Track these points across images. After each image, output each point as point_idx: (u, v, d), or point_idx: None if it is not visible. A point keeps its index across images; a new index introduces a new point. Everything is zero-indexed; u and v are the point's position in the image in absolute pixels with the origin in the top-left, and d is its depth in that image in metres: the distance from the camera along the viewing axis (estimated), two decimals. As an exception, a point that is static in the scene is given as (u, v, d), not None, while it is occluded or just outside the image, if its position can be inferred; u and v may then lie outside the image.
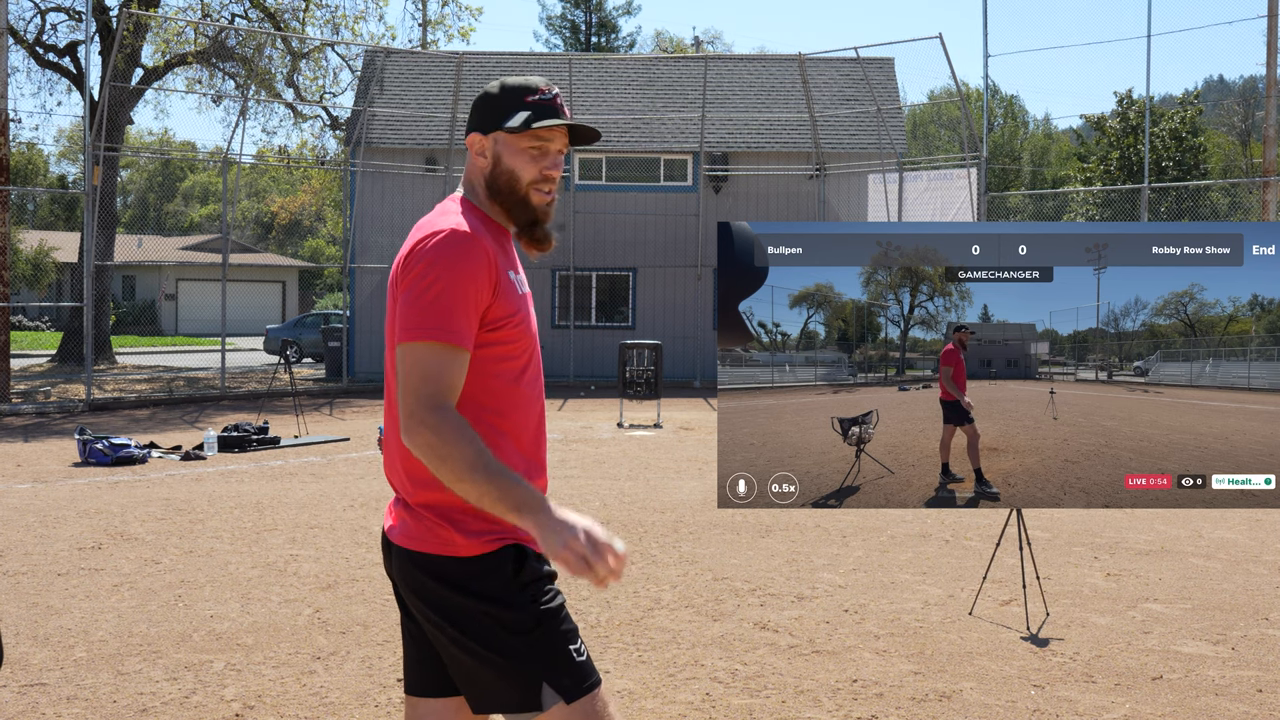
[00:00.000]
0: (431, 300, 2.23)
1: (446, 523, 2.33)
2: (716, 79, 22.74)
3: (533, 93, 2.40)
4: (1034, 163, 66.04)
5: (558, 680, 2.30)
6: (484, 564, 2.32)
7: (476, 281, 2.27)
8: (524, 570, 2.34)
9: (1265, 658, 5.04)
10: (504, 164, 2.41)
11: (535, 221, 2.43)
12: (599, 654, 5.05)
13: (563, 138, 2.43)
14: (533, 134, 2.39)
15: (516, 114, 2.38)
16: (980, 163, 19.56)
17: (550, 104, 2.40)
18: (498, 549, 2.33)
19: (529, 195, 2.41)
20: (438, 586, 2.32)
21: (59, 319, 43.23)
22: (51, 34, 26.24)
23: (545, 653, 2.30)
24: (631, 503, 8.89)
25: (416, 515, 2.37)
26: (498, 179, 2.41)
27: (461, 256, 2.26)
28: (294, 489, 9.60)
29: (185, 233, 60.75)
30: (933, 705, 4.45)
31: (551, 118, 2.39)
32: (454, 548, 2.32)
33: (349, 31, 25.06)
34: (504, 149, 2.41)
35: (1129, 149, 48.16)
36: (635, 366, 15.30)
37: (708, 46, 61.93)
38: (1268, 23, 17.83)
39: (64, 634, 5.34)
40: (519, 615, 2.30)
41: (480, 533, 2.33)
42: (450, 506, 2.34)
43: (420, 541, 2.35)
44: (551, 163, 2.42)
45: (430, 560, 2.33)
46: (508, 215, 2.44)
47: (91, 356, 17.42)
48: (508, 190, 2.41)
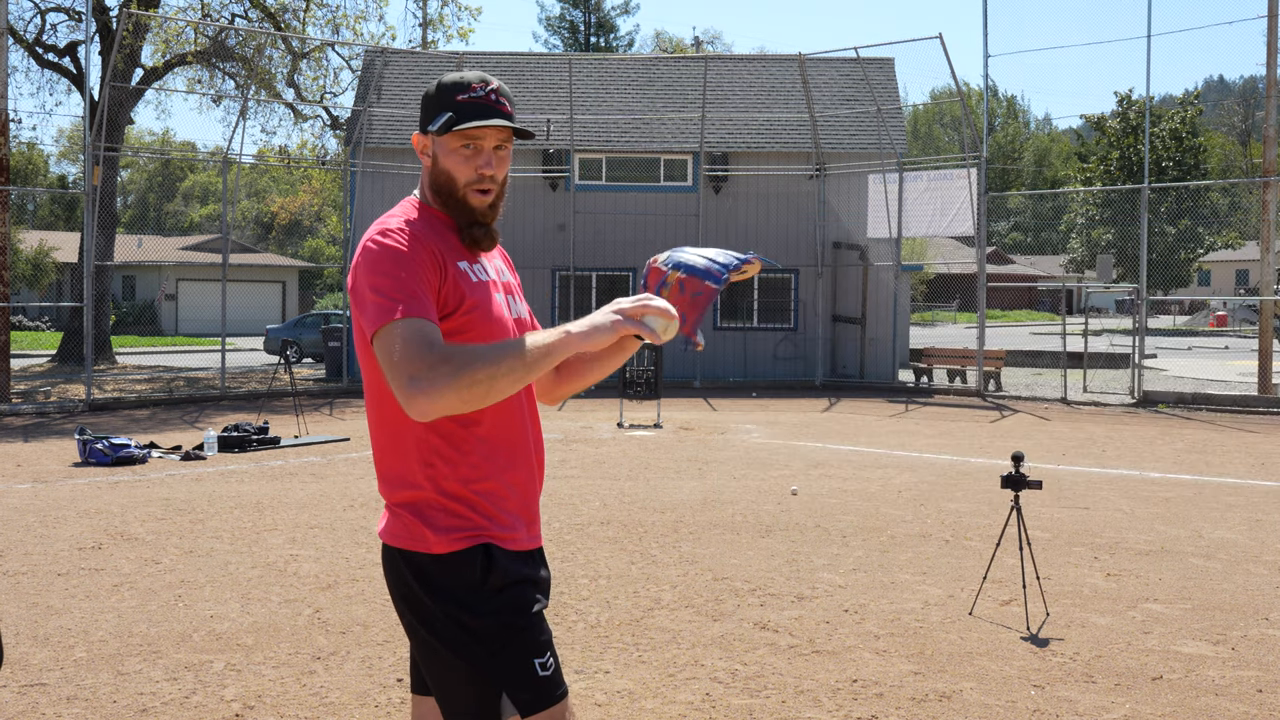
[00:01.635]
0: (381, 291, 2.20)
1: (419, 519, 2.31)
2: (716, 79, 22.74)
3: (464, 90, 2.34)
4: (1035, 163, 65.98)
5: (516, 693, 2.27)
6: (452, 562, 2.29)
7: (417, 261, 2.23)
8: (492, 573, 2.30)
9: (1265, 658, 5.04)
10: (440, 165, 2.37)
11: (474, 223, 2.38)
12: (599, 654, 5.05)
13: (497, 134, 2.35)
14: (462, 134, 2.33)
15: (443, 115, 2.34)
16: (980, 163, 19.55)
17: (482, 101, 2.33)
18: (466, 548, 2.29)
19: (466, 196, 2.36)
20: (413, 583, 2.31)
21: (59, 319, 43.23)
22: (51, 34, 26.27)
23: (506, 664, 2.27)
24: (631, 503, 8.89)
25: (395, 512, 2.37)
26: (437, 179, 2.38)
27: (393, 245, 2.24)
28: (294, 489, 9.60)
29: (185, 233, 60.76)
30: (933, 705, 4.45)
31: (481, 117, 2.32)
32: (426, 544, 2.30)
33: (349, 31, 25.08)
34: (439, 150, 2.36)
35: (1129, 149, 48.19)
36: (635, 366, 15.30)
37: (707, 46, 61.96)
38: (1268, 23, 17.83)
39: (64, 634, 5.34)
40: (482, 622, 2.27)
41: (449, 529, 2.30)
42: (422, 503, 2.32)
43: (398, 538, 2.35)
44: (485, 161, 2.35)
45: (407, 556, 2.33)
46: (452, 215, 2.40)
47: (91, 356, 17.43)
48: (447, 191, 2.37)
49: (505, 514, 2.35)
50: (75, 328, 23.15)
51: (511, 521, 2.36)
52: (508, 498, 2.36)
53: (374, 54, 22.93)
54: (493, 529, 2.33)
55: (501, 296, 2.41)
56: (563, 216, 21.65)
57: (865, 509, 8.65)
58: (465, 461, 2.32)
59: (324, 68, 25.55)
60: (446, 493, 2.31)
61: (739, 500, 9.02)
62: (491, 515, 2.33)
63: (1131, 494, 9.42)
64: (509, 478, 2.37)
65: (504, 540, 2.34)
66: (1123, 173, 47.41)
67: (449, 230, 2.39)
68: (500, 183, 2.40)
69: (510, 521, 2.36)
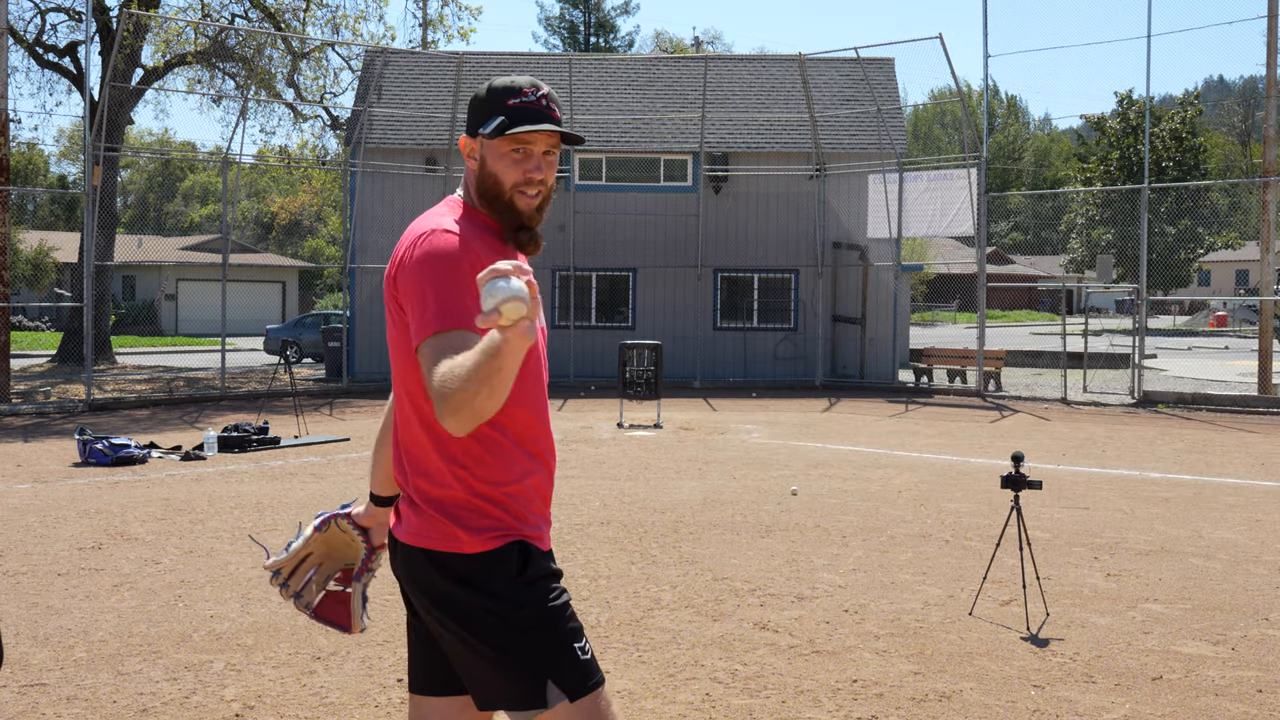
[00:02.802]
0: (429, 302, 2.23)
1: (451, 519, 2.33)
2: (716, 79, 22.74)
3: (515, 95, 2.36)
4: (1035, 163, 66.03)
5: (562, 678, 2.30)
6: (488, 560, 2.32)
7: (459, 269, 2.25)
8: (529, 568, 2.34)
9: (1265, 658, 5.04)
10: (488, 168, 2.39)
11: (521, 226, 2.40)
12: (599, 654, 5.04)
13: (547, 139, 2.38)
14: (512, 138, 2.35)
15: (494, 119, 2.36)
16: (980, 163, 19.55)
17: (533, 106, 2.36)
18: (502, 545, 2.33)
19: (513, 200, 2.38)
20: (444, 583, 2.33)
21: (59, 319, 43.23)
22: (51, 34, 26.27)
23: (550, 651, 2.31)
24: (631, 503, 8.89)
25: (421, 512, 2.37)
26: (484, 182, 2.40)
27: (438, 254, 2.26)
28: (294, 489, 9.60)
29: (185, 233, 60.75)
30: (933, 705, 4.45)
31: (532, 121, 2.34)
32: (459, 544, 2.33)
33: (349, 31, 25.07)
34: (488, 153, 2.38)
35: (1129, 149, 48.19)
36: (635, 366, 15.30)
37: (707, 47, 61.96)
38: (1268, 23, 17.83)
39: (64, 634, 5.34)
40: (523, 613, 2.31)
41: (484, 529, 2.33)
42: (454, 503, 2.34)
43: (426, 538, 2.36)
44: (534, 165, 2.37)
45: (436, 557, 2.34)
46: (497, 218, 2.42)
47: (91, 357, 17.42)
48: (493, 194, 2.39)
49: (532, 515, 2.40)
50: (75, 328, 23.14)
51: (537, 522, 2.41)
52: (532, 500, 2.40)
53: (374, 54, 22.93)
54: (524, 529, 2.37)
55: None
56: (563, 217, 21.64)
57: (865, 509, 8.65)
58: (497, 465, 2.35)
59: (324, 68, 25.55)
60: (477, 493, 2.34)
61: (739, 500, 9.01)
62: (521, 516, 2.37)
63: (1131, 494, 9.42)
64: (534, 481, 2.40)
65: (533, 539, 2.38)
66: (1123, 173, 47.41)
67: (491, 234, 2.41)
68: (549, 187, 2.42)
69: (536, 522, 2.41)
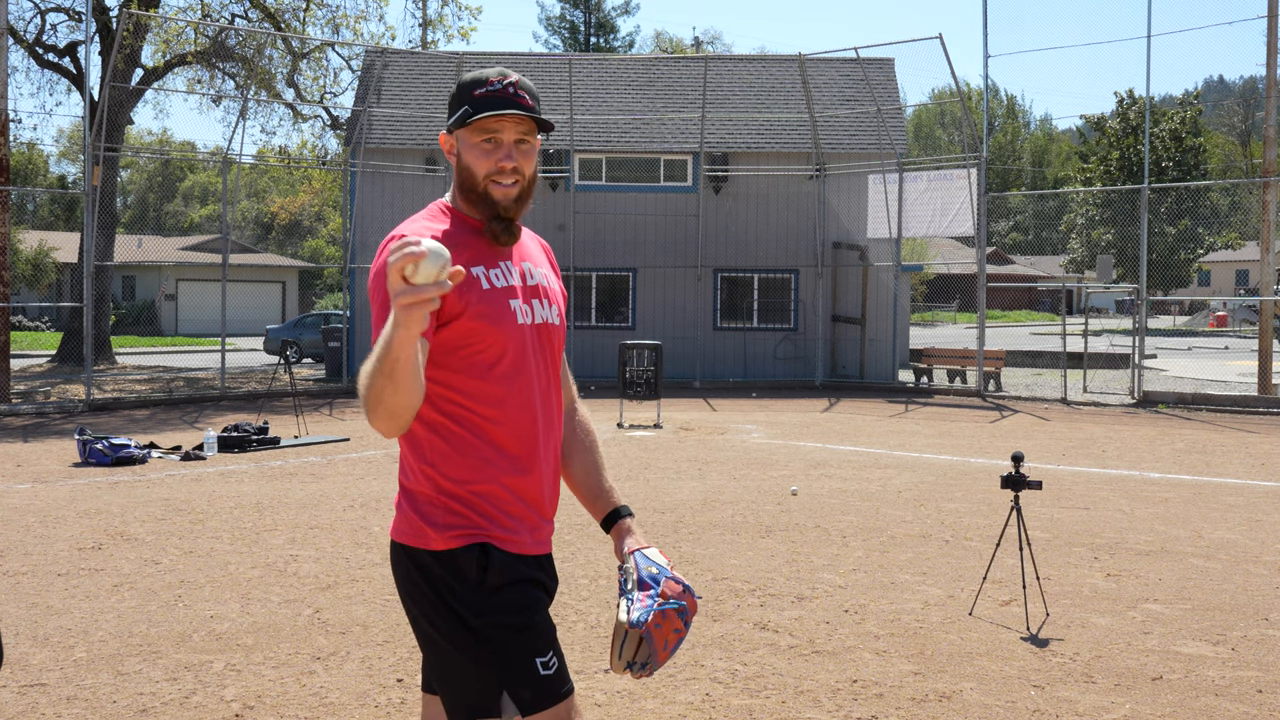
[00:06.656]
0: (377, 300, 2.22)
1: (420, 515, 2.33)
2: (716, 79, 22.73)
3: (481, 85, 2.36)
4: (1034, 163, 66.03)
5: (517, 691, 2.27)
6: (450, 559, 2.30)
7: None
8: (490, 572, 2.30)
9: (1265, 658, 5.04)
10: (463, 161, 2.39)
11: (496, 216, 2.38)
12: (599, 654, 5.05)
13: (517, 127, 2.36)
14: (480, 127, 2.34)
15: (461, 110, 2.37)
16: (980, 163, 19.55)
17: (498, 95, 2.34)
18: (463, 546, 2.30)
19: (488, 190, 2.36)
20: (417, 578, 2.33)
21: (59, 319, 43.22)
22: (51, 34, 26.26)
23: (507, 661, 2.27)
24: (631, 503, 8.88)
25: (399, 507, 2.39)
26: (461, 176, 2.40)
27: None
28: (294, 489, 9.60)
29: (185, 233, 60.74)
30: (933, 705, 4.45)
31: (495, 108, 2.33)
32: (427, 540, 2.32)
33: (349, 31, 25.07)
34: (462, 146, 2.39)
35: (1129, 149, 48.20)
36: (635, 366, 15.30)
37: (707, 47, 61.98)
38: (1268, 23, 17.83)
39: (64, 634, 5.34)
40: (481, 620, 2.28)
41: (449, 526, 2.31)
42: (424, 499, 2.34)
43: (402, 533, 2.37)
44: (505, 154, 2.35)
45: (410, 552, 2.34)
46: (477, 211, 2.40)
47: (91, 357, 17.42)
48: (469, 186, 2.38)
49: (507, 517, 2.35)
50: (75, 328, 23.14)
51: (514, 525, 2.35)
52: (510, 501, 2.35)
53: (374, 54, 22.93)
54: (493, 530, 2.33)
55: (519, 303, 2.38)
56: (563, 217, 21.64)
57: (865, 509, 8.65)
58: (464, 463, 2.32)
59: (324, 68, 25.56)
60: (443, 491, 2.32)
61: (739, 500, 9.01)
62: (491, 516, 2.33)
63: (1131, 494, 9.42)
64: (511, 482, 2.35)
65: (504, 541, 2.33)
66: (1123, 173, 47.41)
67: (473, 234, 2.38)
68: (528, 177, 2.39)
69: (512, 525, 2.35)
